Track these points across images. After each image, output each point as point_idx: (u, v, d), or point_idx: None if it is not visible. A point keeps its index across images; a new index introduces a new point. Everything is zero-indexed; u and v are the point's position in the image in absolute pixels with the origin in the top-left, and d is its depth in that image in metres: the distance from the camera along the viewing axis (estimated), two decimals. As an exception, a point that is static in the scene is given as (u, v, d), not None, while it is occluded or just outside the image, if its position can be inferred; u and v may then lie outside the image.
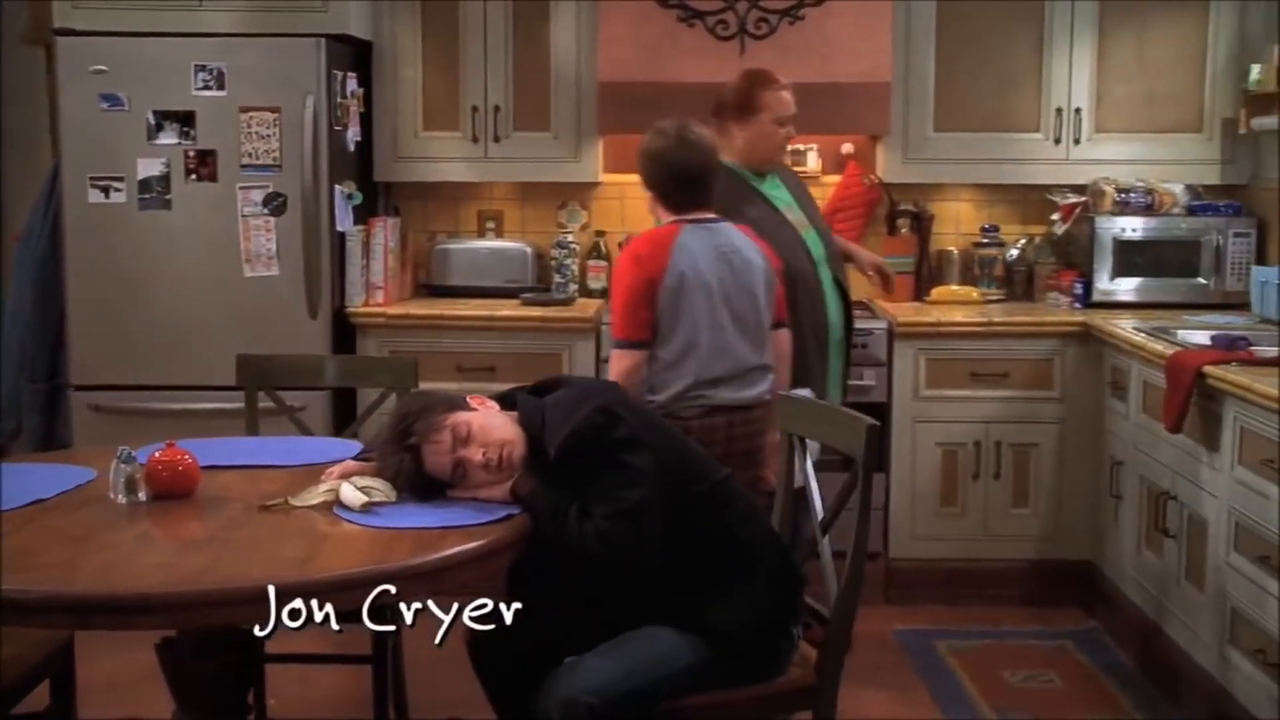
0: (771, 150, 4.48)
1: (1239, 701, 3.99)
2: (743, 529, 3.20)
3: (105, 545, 2.85)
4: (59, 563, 2.73)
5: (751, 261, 4.03)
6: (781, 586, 3.19)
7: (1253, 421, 3.91)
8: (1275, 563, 3.77)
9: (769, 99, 4.41)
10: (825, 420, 3.41)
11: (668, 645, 3.06)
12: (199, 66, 5.12)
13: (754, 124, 4.40)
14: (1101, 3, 5.53)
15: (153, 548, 2.90)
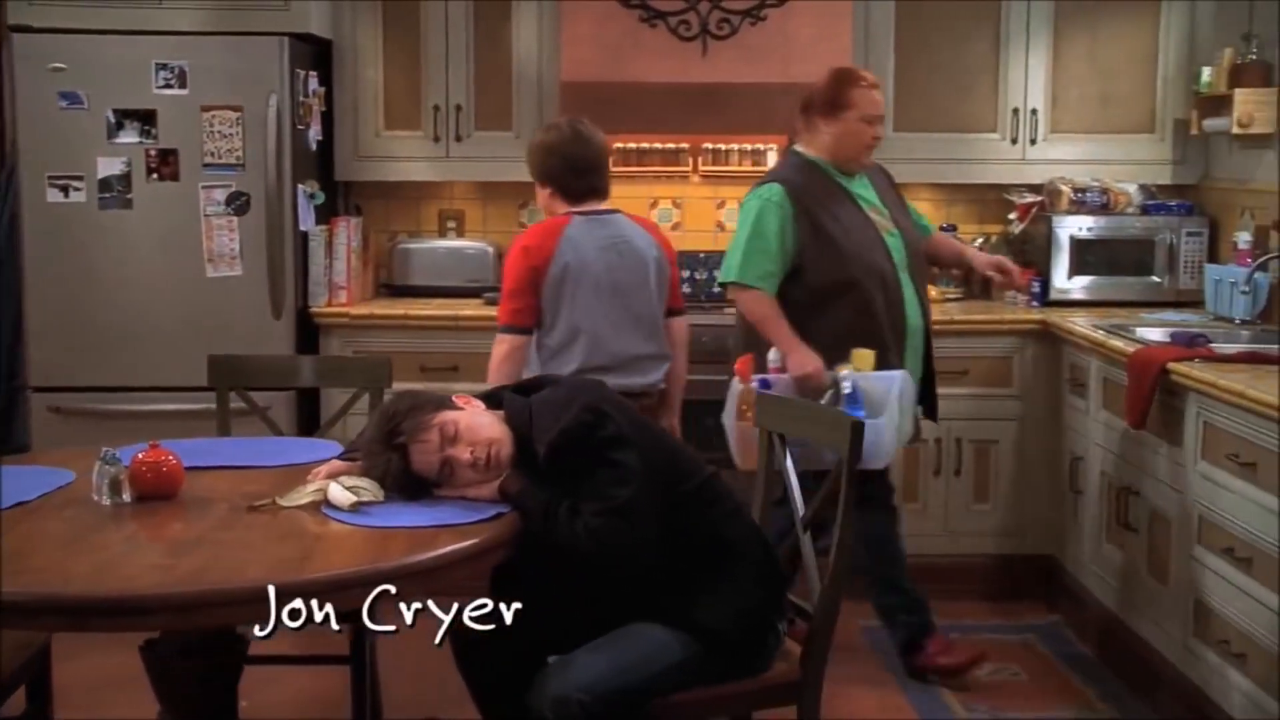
0: (857, 149, 4.48)
1: (1204, 693, 4.06)
2: (729, 526, 3.23)
3: (95, 547, 2.82)
4: (50, 565, 2.71)
5: (642, 251, 4.21)
6: (767, 583, 3.23)
7: (1216, 416, 3.98)
8: (1240, 555, 3.85)
9: (858, 96, 4.43)
10: (808, 418, 3.44)
11: (657, 642, 3.08)
12: (160, 65, 5.09)
13: (841, 121, 4.43)
14: (1057, 4, 5.62)
15: (144, 549, 2.89)
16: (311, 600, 2.59)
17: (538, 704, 2.97)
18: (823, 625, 3.22)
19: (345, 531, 2.94)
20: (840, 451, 3.23)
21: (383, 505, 3.05)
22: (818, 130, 4.47)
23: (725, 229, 5.98)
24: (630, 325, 4.18)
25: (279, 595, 2.60)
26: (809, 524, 3.36)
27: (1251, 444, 3.78)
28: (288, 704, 4.25)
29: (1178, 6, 5.64)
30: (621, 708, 2.99)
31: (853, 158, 4.50)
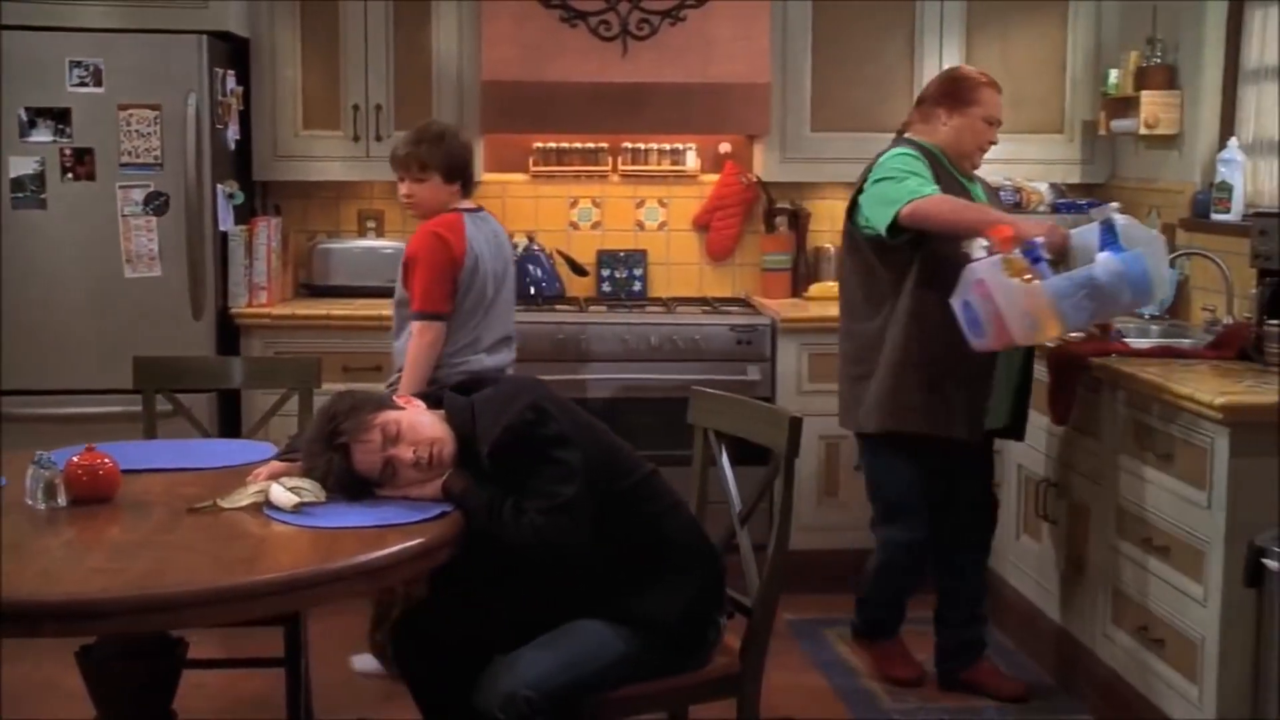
0: (973, 147, 4.41)
1: (1123, 678, 4.16)
2: (669, 522, 3.26)
3: (37, 552, 2.79)
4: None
5: (508, 246, 4.58)
6: (706, 578, 3.26)
7: (1136, 410, 4.08)
8: (1158, 545, 3.94)
9: (986, 96, 4.39)
10: (744, 414, 3.48)
11: (600, 637, 3.11)
12: (75, 62, 5.03)
13: (966, 116, 4.36)
14: (968, 7, 5.71)
15: (87, 553, 2.85)
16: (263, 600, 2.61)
17: (485, 702, 2.98)
18: (761, 620, 3.26)
19: (290, 532, 2.93)
20: (777, 448, 3.27)
21: (325, 506, 3.04)
22: (938, 122, 4.38)
23: (644, 228, 6.02)
24: (505, 311, 4.50)
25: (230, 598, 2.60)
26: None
27: (1170, 436, 3.88)
28: (220, 707, 4.23)
29: (1085, 11, 5.76)
30: (568, 703, 3.01)
31: (968, 154, 4.41)
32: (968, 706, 4.42)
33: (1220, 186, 4.91)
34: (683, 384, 4.17)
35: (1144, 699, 4.03)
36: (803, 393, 5.35)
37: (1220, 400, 3.61)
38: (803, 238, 5.94)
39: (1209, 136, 5.18)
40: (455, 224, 4.32)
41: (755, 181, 5.87)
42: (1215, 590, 3.68)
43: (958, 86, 4.40)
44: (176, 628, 2.95)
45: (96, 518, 3.03)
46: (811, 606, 5.15)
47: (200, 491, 3.15)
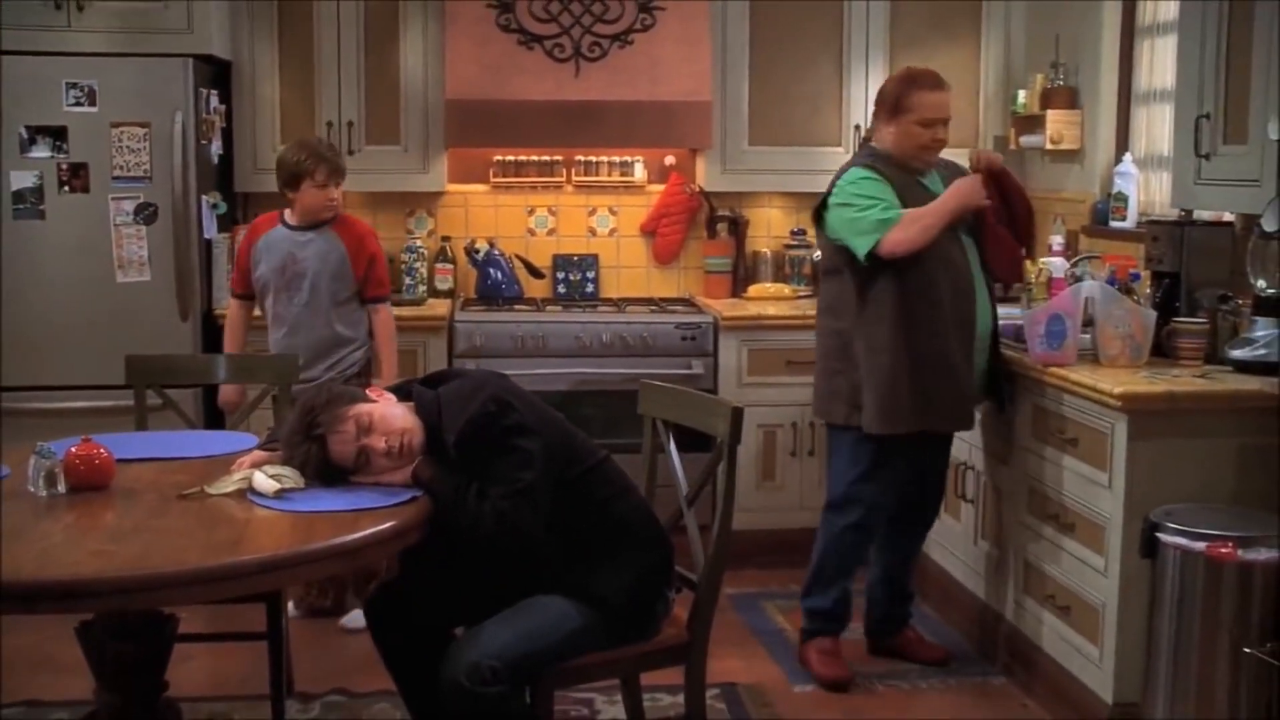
0: (915, 149, 4.20)
1: (1033, 641, 4.22)
2: (620, 504, 3.27)
3: (38, 536, 2.78)
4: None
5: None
6: (655, 555, 3.27)
7: (1043, 399, 4.13)
8: (1065, 522, 3.99)
9: (917, 101, 4.17)
10: (689, 405, 3.49)
11: (558, 611, 3.12)
12: (70, 84, 4.98)
13: (899, 123, 4.18)
14: (890, 35, 5.74)
15: (85, 537, 2.83)
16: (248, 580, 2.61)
17: (451, 671, 2.97)
18: (707, 594, 3.28)
19: (272, 517, 2.92)
20: (720, 435, 3.29)
21: (304, 492, 3.04)
22: (882, 129, 4.25)
23: (596, 234, 6.02)
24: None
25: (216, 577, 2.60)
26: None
27: (1075, 423, 3.92)
28: (205, 679, 4.19)
29: (996, 37, 5.81)
30: (528, 670, 3.03)
31: (912, 157, 4.22)
32: (894, 670, 4.45)
33: (1117, 196, 4.97)
34: (632, 377, 4.19)
35: (1052, 660, 4.08)
36: (743, 385, 5.37)
37: (1119, 390, 3.66)
38: (742, 243, 5.96)
39: (1106, 151, 5.25)
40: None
41: (698, 191, 5.89)
42: (1115, 561, 3.73)
43: (890, 94, 4.24)
44: (167, 605, 2.94)
45: (93, 504, 3.01)
46: (751, 581, 5.17)
47: (188, 479, 3.14)
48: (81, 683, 3.33)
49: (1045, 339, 4.03)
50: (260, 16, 5.48)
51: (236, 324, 4.79)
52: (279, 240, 4.64)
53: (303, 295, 4.58)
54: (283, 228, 4.66)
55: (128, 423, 4.10)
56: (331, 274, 4.60)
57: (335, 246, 4.60)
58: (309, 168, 4.55)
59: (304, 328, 4.61)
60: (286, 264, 4.59)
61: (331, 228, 4.65)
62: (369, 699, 4.13)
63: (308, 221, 4.64)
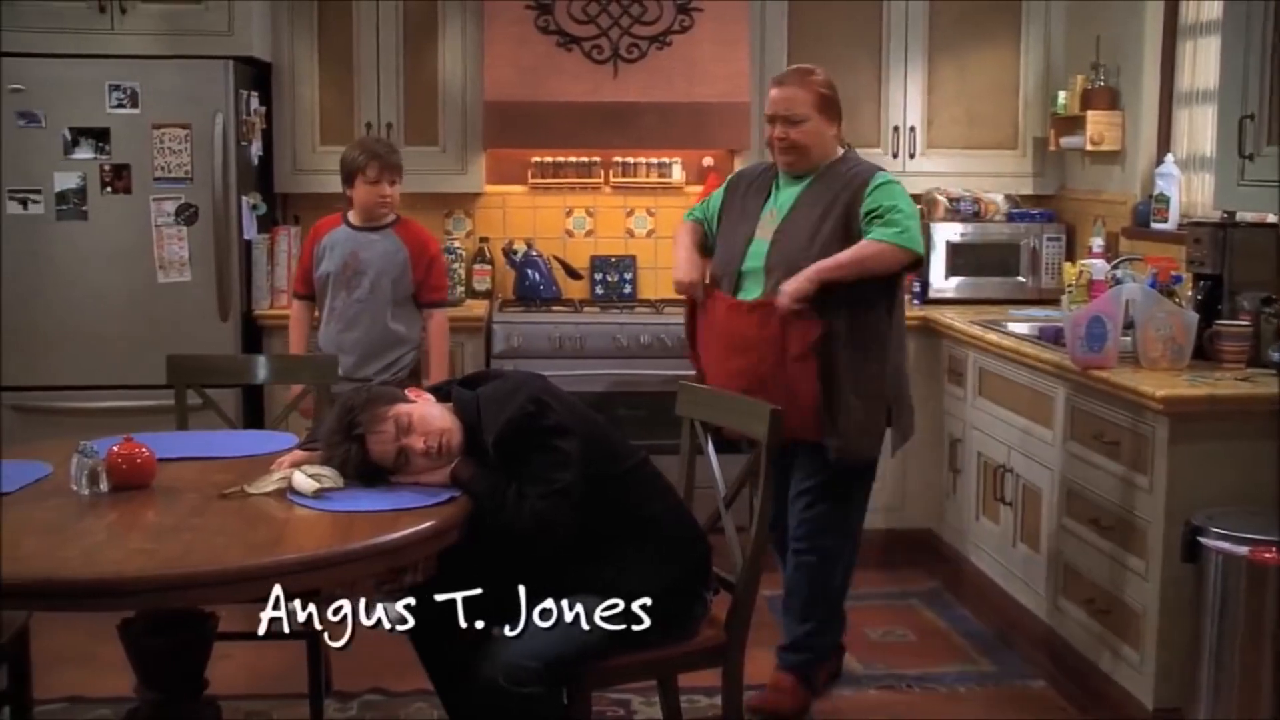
0: (773, 149, 4.05)
1: (1071, 645, 4.19)
2: (658, 505, 3.27)
3: (81, 534, 2.80)
4: (42, 552, 2.67)
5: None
6: (693, 556, 3.27)
7: (1081, 401, 4.10)
8: (1105, 525, 3.96)
9: (767, 98, 4.06)
10: (727, 406, 3.48)
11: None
12: (113, 86, 5.02)
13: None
14: (930, 35, 5.73)
15: (127, 535, 2.84)
16: (288, 578, 2.63)
17: (489, 671, 2.97)
18: (744, 595, 3.26)
19: (311, 516, 2.93)
20: (759, 437, 3.28)
21: (343, 491, 3.04)
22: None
23: (634, 235, 6.02)
24: None
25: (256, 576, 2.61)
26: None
27: (1115, 426, 3.89)
28: (244, 678, 4.21)
29: (1036, 38, 5.78)
30: (566, 671, 3.02)
31: (775, 158, 4.08)
32: (930, 673, 4.43)
33: (1158, 198, 4.94)
34: (670, 379, 4.17)
35: (1092, 665, 4.06)
36: (779, 386, 5.35)
37: (1161, 392, 3.63)
38: (779, 244, 5.94)
39: (1148, 153, 5.21)
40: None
41: (736, 193, 5.87)
42: (1156, 565, 3.70)
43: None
44: (208, 603, 2.96)
45: (134, 502, 3.02)
46: (786, 582, 5.15)
47: (229, 478, 3.15)
48: (123, 679, 3.34)
49: (1085, 341, 4.00)
50: (300, 18, 5.51)
51: (299, 325, 4.80)
52: (342, 239, 4.67)
53: (361, 291, 4.61)
54: (346, 228, 4.69)
55: (168, 422, 4.12)
56: (392, 275, 4.62)
57: (398, 248, 4.61)
58: (361, 164, 4.59)
59: (361, 324, 4.63)
60: (348, 262, 4.62)
61: (394, 230, 4.67)
62: (406, 698, 4.14)
63: (368, 221, 4.66)
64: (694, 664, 3.29)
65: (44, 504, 2.98)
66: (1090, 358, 3.99)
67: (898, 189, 3.97)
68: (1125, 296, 4.07)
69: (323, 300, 4.73)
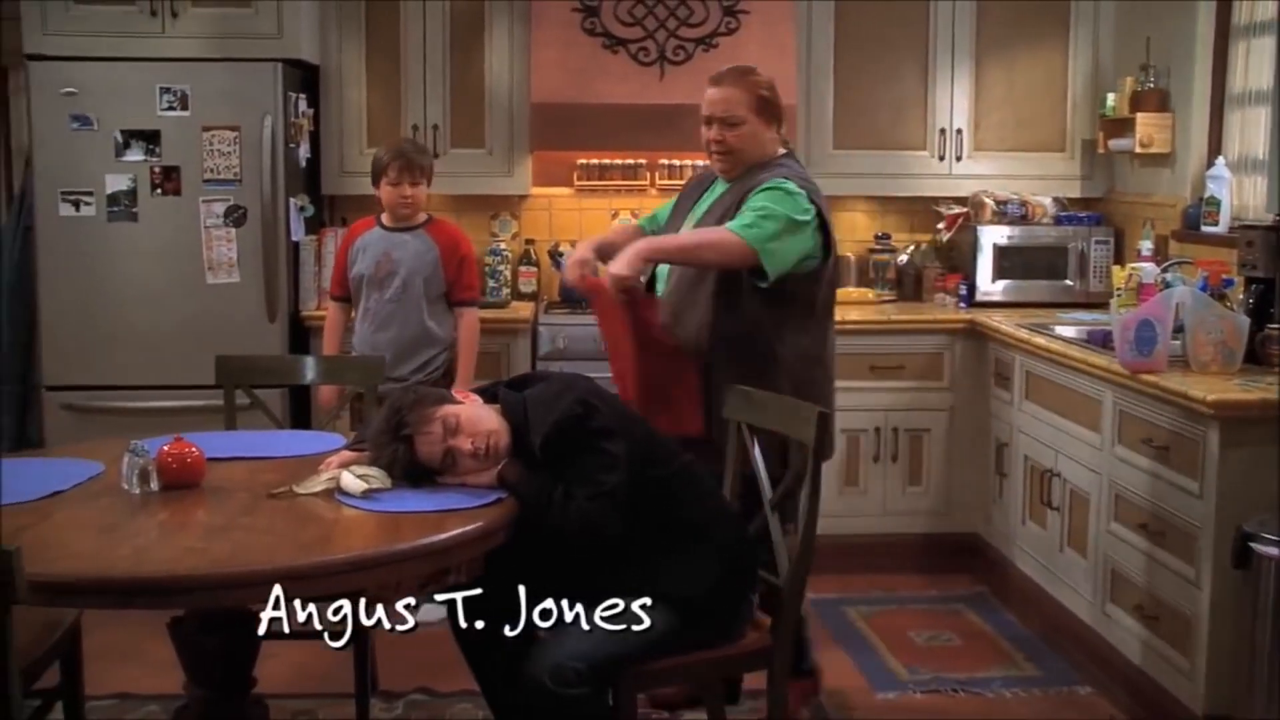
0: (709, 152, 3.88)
1: (1119, 651, 4.15)
2: (704, 507, 3.26)
3: (132, 532, 2.82)
4: (93, 550, 2.71)
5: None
6: (739, 559, 3.26)
7: (1129, 405, 4.07)
8: (1154, 530, 3.93)
9: (704, 97, 3.87)
10: (773, 409, 3.47)
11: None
12: (164, 89, 5.07)
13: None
14: (978, 36, 5.70)
15: (177, 534, 2.87)
16: (335, 578, 2.64)
17: (534, 672, 2.97)
18: (790, 598, 3.25)
19: (359, 516, 2.94)
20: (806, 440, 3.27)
21: (391, 492, 3.06)
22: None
23: (679, 238, 6.01)
24: None
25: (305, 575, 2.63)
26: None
27: (1165, 430, 3.86)
28: (290, 677, 4.24)
29: (1084, 40, 5.73)
30: (611, 673, 3.02)
31: (710, 161, 3.89)
32: (975, 677, 4.40)
33: (1209, 201, 4.89)
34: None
35: (1140, 671, 4.02)
36: (825, 389, 5.34)
37: (1211, 397, 3.60)
38: (825, 247, 5.92)
39: (1198, 155, 5.16)
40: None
41: (781, 195, 5.85)
42: (1206, 571, 3.66)
43: None
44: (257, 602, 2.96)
45: (185, 501, 3.05)
46: (832, 586, 5.13)
47: (277, 478, 3.16)
48: (171, 677, 3.37)
49: (1135, 345, 3.97)
50: (348, 21, 5.54)
51: (334, 327, 4.88)
52: (375, 240, 4.73)
53: (394, 291, 4.66)
54: (379, 229, 4.76)
55: (217, 422, 4.15)
56: (424, 274, 4.69)
57: (429, 247, 4.67)
58: (384, 164, 4.66)
59: (394, 323, 4.68)
60: (380, 262, 4.68)
61: (426, 230, 4.73)
62: (451, 698, 4.16)
63: (398, 222, 4.72)
64: (739, 667, 3.30)
65: (96, 502, 3.01)
66: (1140, 361, 3.96)
67: (781, 195, 3.65)
68: (1175, 300, 4.04)
69: (358, 301, 4.78)
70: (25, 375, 5.34)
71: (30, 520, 2.84)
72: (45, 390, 5.19)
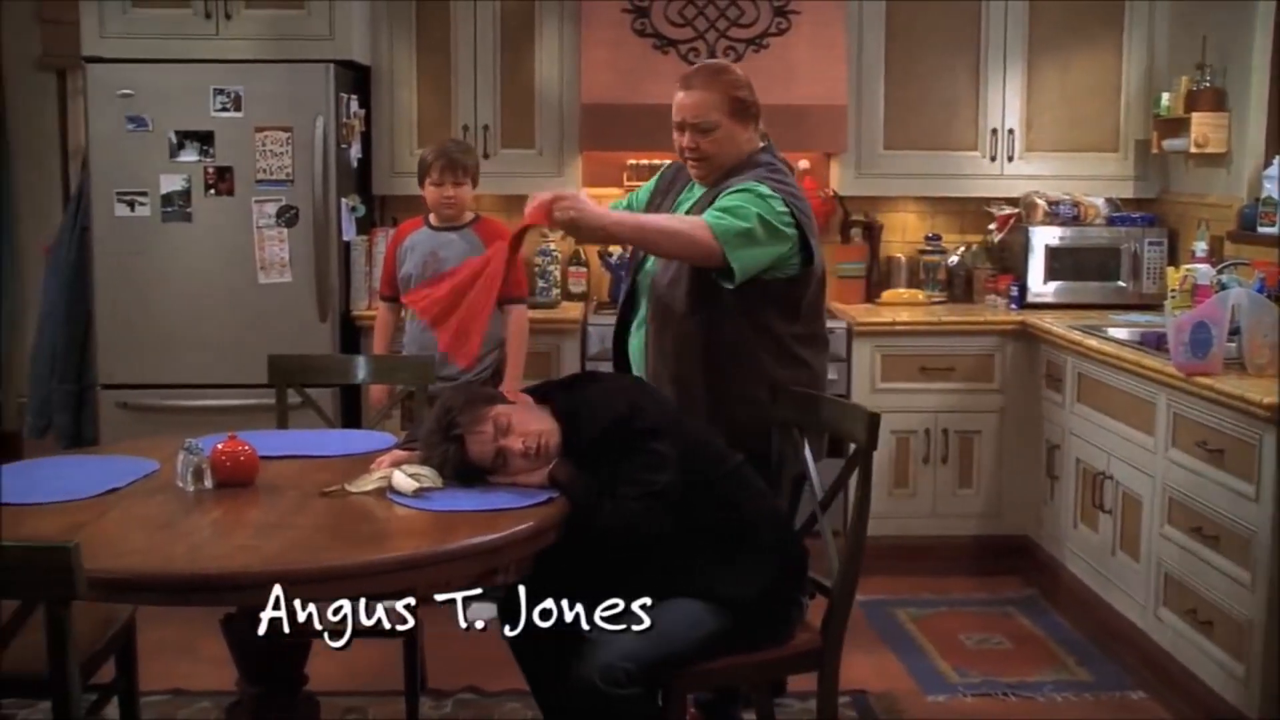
0: (683, 159, 3.70)
1: (1172, 656, 4.11)
2: (755, 509, 3.24)
3: (187, 530, 2.84)
4: (150, 547, 2.72)
5: None
6: (789, 561, 3.25)
7: (1184, 408, 4.03)
8: (1208, 534, 3.89)
9: (674, 101, 3.65)
10: (824, 410, 3.46)
11: (691, 615, 3.10)
12: (218, 90, 5.11)
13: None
14: (1030, 36, 5.66)
15: (231, 532, 2.89)
16: (388, 576, 2.66)
17: (584, 672, 2.97)
18: (841, 599, 3.24)
19: (411, 515, 2.95)
20: (857, 441, 3.26)
21: (442, 491, 3.07)
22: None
23: (728, 238, 6.00)
24: None
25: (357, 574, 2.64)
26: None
27: (1220, 433, 3.82)
28: (340, 674, 4.26)
29: (1138, 38, 5.68)
30: (661, 674, 3.02)
31: (687, 167, 3.72)
32: (1026, 681, 4.38)
33: (1265, 201, 4.83)
34: (766, 382, 4.14)
35: (1194, 677, 3.98)
36: (875, 391, 5.31)
37: (1268, 399, 3.56)
38: (875, 248, 5.90)
39: (1255, 155, 5.10)
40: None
41: (832, 195, 5.84)
42: (1262, 576, 3.62)
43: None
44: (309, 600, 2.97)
45: (238, 499, 3.07)
46: (881, 588, 5.11)
47: (329, 477, 3.18)
48: (224, 673, 3.40)
49: (1189, 347, 3.93)
50: (399, 22, 5.57)
51: (385, 326, 4.91)
52: (422, 240, 4.76)
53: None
54: (426, 229, 4.79)
55: (269, 420, 4.18)
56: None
57: (476, 246, 4.68)
58: (428, 164, 4.71)
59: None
60: (428, 261, 4.70)
61: (472, 229, 4.75)
62: (500, 698, 4.17)
63: (443, 222, 4.74)
64: (789, 668, 3.29)
65: (152, 499, 3.04)
66: (1194, 364, 3.92)
67: (753, 196, 3.42)
68: (1231, 302, 3.99)
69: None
70: (81, 373, 5.40)
71: (87, 517, 2.87)
72: (100, 388, 5.25)
